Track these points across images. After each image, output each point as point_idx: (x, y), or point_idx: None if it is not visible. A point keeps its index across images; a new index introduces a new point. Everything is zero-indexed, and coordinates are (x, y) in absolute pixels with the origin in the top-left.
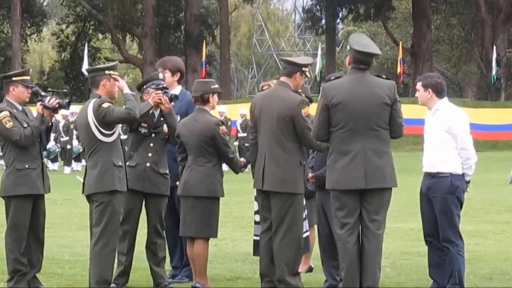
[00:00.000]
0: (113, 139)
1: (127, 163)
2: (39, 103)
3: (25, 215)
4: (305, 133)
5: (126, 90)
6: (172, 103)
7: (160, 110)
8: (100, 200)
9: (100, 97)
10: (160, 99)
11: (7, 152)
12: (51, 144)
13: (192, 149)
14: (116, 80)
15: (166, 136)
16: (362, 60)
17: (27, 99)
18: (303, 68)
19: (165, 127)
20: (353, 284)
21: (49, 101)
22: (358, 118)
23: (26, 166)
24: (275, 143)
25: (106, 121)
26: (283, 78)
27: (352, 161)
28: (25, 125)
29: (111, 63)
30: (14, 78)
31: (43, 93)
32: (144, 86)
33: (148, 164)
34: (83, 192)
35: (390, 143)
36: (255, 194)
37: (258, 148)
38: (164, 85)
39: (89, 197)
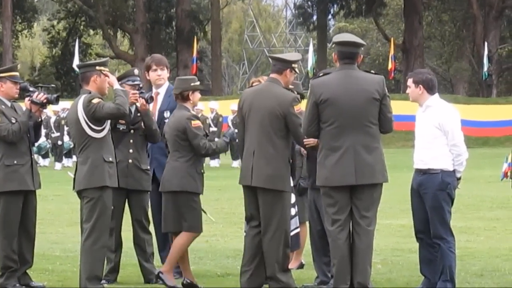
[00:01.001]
0: (103, 135)
1: None
2: (27, 99)
3: (15, 211)
4: (297, 130)
5: (116, 86)
6: (148, 105)
7: (137, 106)
8: (90, 196)
9: (90, 93)
10: (136, 100)
11: None
12: (42, 140)
13: (169, 144)
14: (106, 76)
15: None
16: (346, 53)
17: (16, 95)
18: (293, 65)
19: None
20: (344, 281)
21: (37, 97)
22: (347, 114)
23: (15, 162)
24: (265, 139)
25: (96, 117)
26: (273, 75)
27: (342, 157)
28: (14, 121)
29: (102, 59)
30: (2, 74)
31: (31, 89)
32: (120, 82)
33: (130, 161)
34: (73, 188)
35: (380, 138)
36: None
37: (245, 144)
38: (140, 84)
39: (79, 193)
